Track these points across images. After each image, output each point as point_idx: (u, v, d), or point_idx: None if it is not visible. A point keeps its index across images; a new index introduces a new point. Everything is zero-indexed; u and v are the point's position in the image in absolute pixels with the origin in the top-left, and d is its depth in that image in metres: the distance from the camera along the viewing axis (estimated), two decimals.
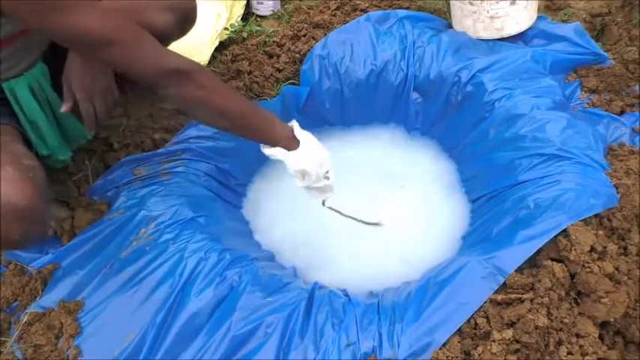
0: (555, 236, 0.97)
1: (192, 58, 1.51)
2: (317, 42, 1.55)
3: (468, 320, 0.91)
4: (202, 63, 1.56)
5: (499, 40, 1.52)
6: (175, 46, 1.53)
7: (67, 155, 1.13)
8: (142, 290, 0.98)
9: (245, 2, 1.80)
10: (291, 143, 1.06)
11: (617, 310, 0.90)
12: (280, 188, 1.43)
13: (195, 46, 1.58)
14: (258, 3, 1.80)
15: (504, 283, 0.94)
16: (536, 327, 0.86)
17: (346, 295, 1.04)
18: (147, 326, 0.93)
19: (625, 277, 0.93)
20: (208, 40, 1.61)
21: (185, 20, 1.14)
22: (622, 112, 1.34)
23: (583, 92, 1.41)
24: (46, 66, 1.08)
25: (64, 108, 1.01)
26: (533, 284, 0.93)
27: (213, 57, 1.61)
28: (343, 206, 1.19)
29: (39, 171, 0.93)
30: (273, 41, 1.62)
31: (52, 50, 1.19)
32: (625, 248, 0.98)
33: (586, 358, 0.86)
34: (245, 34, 1.68)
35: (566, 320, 0.89)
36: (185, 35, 1.17)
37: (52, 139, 1.08)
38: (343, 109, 1.56)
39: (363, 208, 1.37)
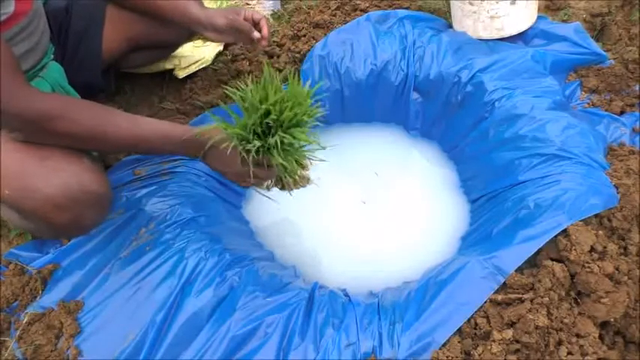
0: (555, 236, 0.97)
1: (196, 59, 1.54)
2: (317, 42, 1.55)
3: (468, 320, 0.91)
4: (205, 63, 1.56)
5: (499, 40, 1.52)
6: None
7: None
8: (142, 290, 0.98)
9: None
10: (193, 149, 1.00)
11: (617, 310, 0.90)
12: None
13: (200, 47, 1.59)
14: (258, 3, 1.80)
15: (504, 283, 0.94)
16: (536, 327, 0.87)
17: (346, 295, 1.04)
18: (147, 326, 0.93)
19: (625, 277, 0.93)
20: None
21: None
22: (622, 112, 1.34)
23: (583, 92, 1.41)
24: (61, 67, 1.10)
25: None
26: (533, 284, 0.93)
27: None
28: (342, 205, 1.18)
29: (100, 163, 1.01)
30: (273, 41, 1.62)
31: (63, 53, 1.21)
32: (625, 248, 0.98)
33: (586, 358, 0.86)
34: None
35: (566, 320, 0.89)
36: None
37: None
38: (343, 109, 1.56)
39: (362, 207, 1.37)
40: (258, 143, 0.89)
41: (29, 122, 0.87)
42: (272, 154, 0.90)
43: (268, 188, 1.06)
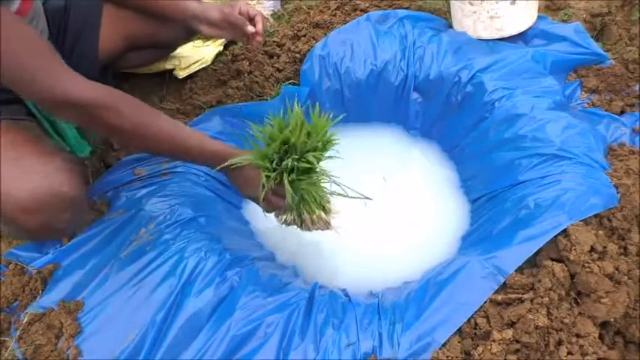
0: (555, 236, 0.97)
1: (196, 59, 1.54)
2: (317, 42, 1.55)
3: (468, 320, 0.91)
4: (205, 63, 1.56)
5: (499, 40, 1.52)
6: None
7: (85, 151, 1.14)
8: (142, 290, 0.98)
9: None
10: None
11: (617, 310, 0.90)
12: None
13: (200, 47, 1.59)
14: (258, 3, 1.81)
15: (504, 283, 0.94)
16: (536, 327, 0.87)
17: (346, 295, 1.04)
18: (147, 326, 0.93)
19: (625, 277, 0.93)
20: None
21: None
22: (622, 112, 1.34)
23: (583, 92, 1.41)
24: None
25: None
26: (533, 284, 0.93)
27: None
28: (342, 205, 1.18)
29: (76, 163, 0.98)
30: (273, 41, 1.62)
31: (61, 52, 1.21)
32: (625, 248, 0.98)
33: (586, 358, 0.86)
34: None
35: (566, 320, 0.89)
36: None
37: (70, 134, 1.09)
38: (343, 109, 1.56)
39: (361, 208, 1.37)
40: (274, 173, 0.93)
41: (77, 108, 0.85)
42: (282, 179, 0.93)
43: (287, 223, 1.09)
